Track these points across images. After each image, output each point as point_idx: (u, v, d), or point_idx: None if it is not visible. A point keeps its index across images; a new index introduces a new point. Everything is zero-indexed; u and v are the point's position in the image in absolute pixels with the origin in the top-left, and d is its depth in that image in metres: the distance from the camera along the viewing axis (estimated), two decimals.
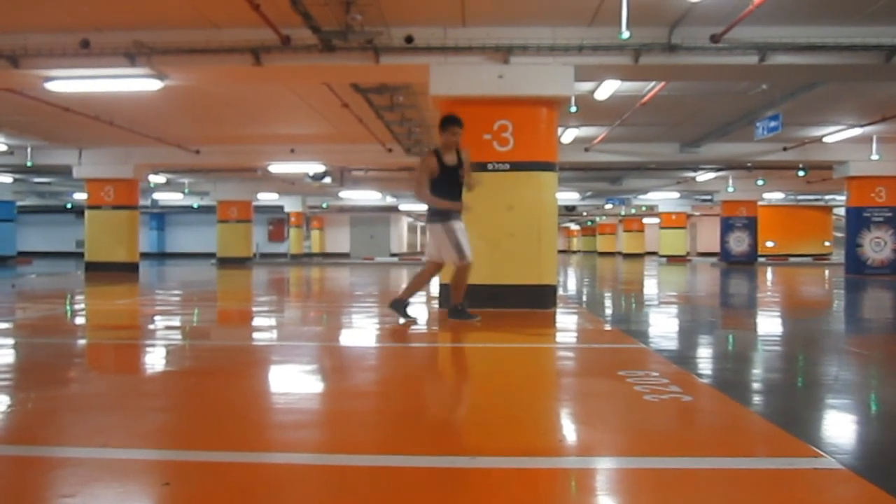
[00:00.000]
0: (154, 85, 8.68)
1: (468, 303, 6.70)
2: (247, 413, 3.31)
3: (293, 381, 4.18)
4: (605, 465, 2.53)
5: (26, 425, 3.09)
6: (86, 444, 2.74)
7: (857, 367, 4.91)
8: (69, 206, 32.91)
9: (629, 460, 2.56)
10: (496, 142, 7.95)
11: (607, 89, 10.13)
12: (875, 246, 17.11)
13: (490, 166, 7.90)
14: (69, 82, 8.78)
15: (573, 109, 10.63)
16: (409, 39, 7.88)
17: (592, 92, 10.49)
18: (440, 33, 7.94)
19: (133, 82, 8.67)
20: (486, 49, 7.94)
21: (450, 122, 6.27)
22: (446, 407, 3.61)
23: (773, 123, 11.15)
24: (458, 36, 7.95)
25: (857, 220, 17.25)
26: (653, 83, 10.54)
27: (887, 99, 11.90)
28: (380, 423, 3.14)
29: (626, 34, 7.05)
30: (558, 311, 7.90)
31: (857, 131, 14.30)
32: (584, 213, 44.11)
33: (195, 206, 32.70)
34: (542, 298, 7.93)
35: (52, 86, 8.85)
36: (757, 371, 4.66)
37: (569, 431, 3.09)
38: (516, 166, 7.93)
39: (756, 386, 4.12)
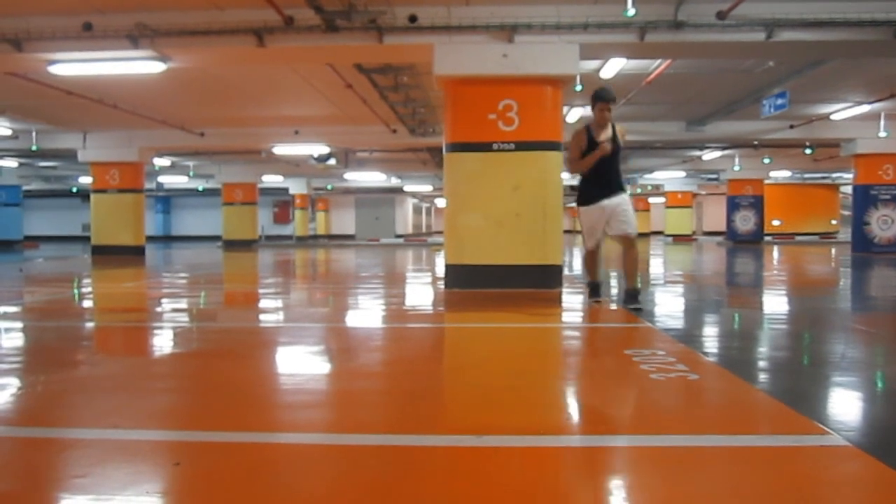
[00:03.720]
0: (157, 67, 8.65)
1: (594, 285, 6.53)
2: (256, 393, 3.34)
3: (303, 362, 4.20)
4: (611, 444, 2.54)
5: (38, 407, 3.12)
6: (97, 425, 2.77)
7: (863, 344, 4.91)
8: (75, 189, 32.96)
9: (635, 438, 2.58)
10: (501, 121, 7.90)
11: (613, 68, 10.05)
12: (882, 224, 17.02)
13: (495, 146, 7.87)
14: (73, 65, 8.75)
15: (578, 88, 10.56)
16: (413, 19, 7.82)
17: (598, 70, 10.41)
18: (444, 12, 7.88)
19: (136, 65, 8.64)
20: (490, 28, 7.87)
21: (596, 98, 5.99)
22: (452, 387, 3.63)
23: (780, 101, 11.07)
24: (462, 15, 7.88)
25: (865, 198, 17.14)
26: (658, 61, 10.46)
27: (895, 75, 11.78)
28: (387, 403, 3.16)
29: (631, 11, 6.99)
30: (564, 291, 7.90)
31: (864, 108, 14.17)
32: None
33: (200, 188, 32.72)
34: (548, 278, 7.92)
35: (55, 69, 8.83)
36: (763, 349, 4.66)
37: (574, 410, 3.10)
38: (522, 146, 7.89)
39: (762, 364, 4.12)
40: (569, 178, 31.07)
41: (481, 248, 8.01)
